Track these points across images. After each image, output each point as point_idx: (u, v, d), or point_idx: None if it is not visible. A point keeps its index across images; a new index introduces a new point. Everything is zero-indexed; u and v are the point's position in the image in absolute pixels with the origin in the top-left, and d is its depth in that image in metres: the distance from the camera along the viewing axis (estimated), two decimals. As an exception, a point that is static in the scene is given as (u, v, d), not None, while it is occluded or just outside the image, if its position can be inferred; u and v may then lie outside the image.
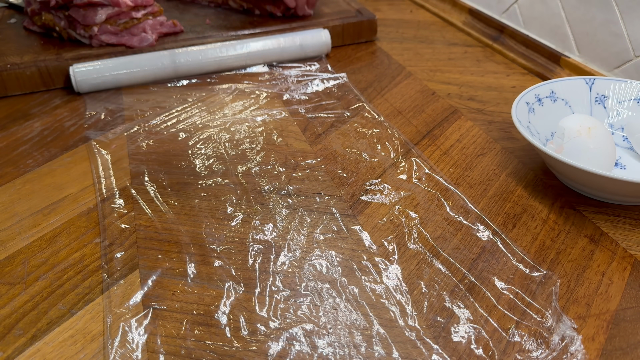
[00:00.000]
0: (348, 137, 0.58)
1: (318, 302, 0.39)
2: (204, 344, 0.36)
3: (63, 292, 0.40)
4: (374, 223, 0.46)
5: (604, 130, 0.49)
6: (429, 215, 0.46)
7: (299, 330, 0.36)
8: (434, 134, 0.58)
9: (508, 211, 0.47)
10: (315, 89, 0.67)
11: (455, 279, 0.40)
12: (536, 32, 0.75)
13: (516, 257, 0.42)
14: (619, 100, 0.55)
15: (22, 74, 0.67)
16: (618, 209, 0.47)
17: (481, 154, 0.55)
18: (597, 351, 0.35)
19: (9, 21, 0.82)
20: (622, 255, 0.42)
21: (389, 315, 0.37)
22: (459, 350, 0.35)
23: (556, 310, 0.37)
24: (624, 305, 0.38)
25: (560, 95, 0.55)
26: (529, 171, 0.52)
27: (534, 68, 0.71)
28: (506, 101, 0.64)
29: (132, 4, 0.73)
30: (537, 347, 0.35)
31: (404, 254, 0.43)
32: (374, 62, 0.75)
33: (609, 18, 0.63)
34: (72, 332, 0.37)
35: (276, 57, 0.73)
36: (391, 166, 0.53)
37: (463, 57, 0.76)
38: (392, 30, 0.85)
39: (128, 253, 0.43)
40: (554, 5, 0.71)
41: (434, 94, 0.66)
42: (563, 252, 0.43)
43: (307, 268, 0.41)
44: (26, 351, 0.36)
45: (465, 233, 0.44)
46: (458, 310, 0.38)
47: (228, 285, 0.40)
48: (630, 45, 0.62)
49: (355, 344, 0.36)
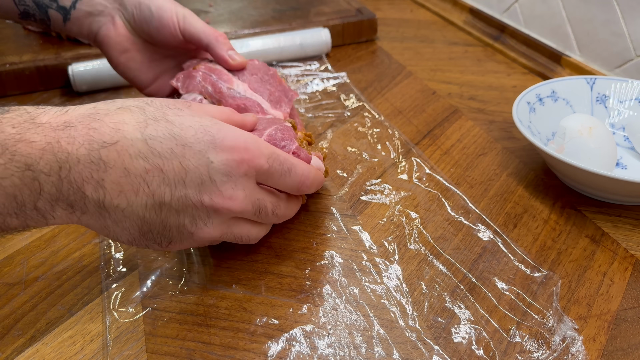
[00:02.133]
0: (348, 136, 0.57)
1: (318, 302, 0.38)
2: (203, 344, 0.36)
3: (62, 292, 0.40)
4: (374, 223, 0.46)
5: (605, 130, 0.49)
6: (429, 215, 0.46)
7: (298, 330, 0.36)
8: (434, 134, 0.58)
9: (509, 211, 0.47)
10: (315, 88, 0.67)
11: (456, 280, 0.40)
12: (537, 31, 0.75)
13: (517, 258, 0.42)
14: (620, 100, 0.55)
15: (21, 74, 0.66)
16: (619, 209, 0.47)
17: (482, 154, 0.55)
18: (598, 352, 0.35)
19: (7, 20, 0.82)
20: (623, 255, 0.42)
21: (389, 315, 0.37)
22: (460, 351, 0.35)
23: (557, 311, 0.37)
24: (625, 306, 0.38)
25: (561, 95, 0.55)
26: (529, 171, 0.52)
27: (534, 67, 0.71)
28: (507, 101, 0.64)
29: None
30: (538, 347, 0.35)
31: (404, 254, 0.42)
32: (375, 62, 0.75)
33: (610, 17, 0.63)
34: (71, 333, 0.37)
35: (276, 56, 0.73)
36: (391, 166, 0.53)
37: (464, 56, 0.76)
38: (392, 30, 0.85)
39: (127, 253, 0.43)
40: (555, 5, 0.71)
41: (435, 94, 0.66)
42: (564, 252, 0.43)
43: (307, 269, 0.41)
44: (25, 352, 0.36)
45: (466, 233, 0.44)
46: (459, 311, 0.38)
47: (227, 286, 0.40)
48: (631, 44, 0.61)
49: (356, 344, 0.35)
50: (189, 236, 0.35)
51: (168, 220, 0.34)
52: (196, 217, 0.34)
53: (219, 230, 0.36)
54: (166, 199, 0.33)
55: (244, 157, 0.34)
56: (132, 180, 0.31)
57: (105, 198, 0.31)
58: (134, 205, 0.32)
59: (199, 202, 0.33)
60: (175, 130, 0.33)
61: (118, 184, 0.31)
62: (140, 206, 0.32)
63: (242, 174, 0.34)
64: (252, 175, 0.35)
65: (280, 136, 0.41)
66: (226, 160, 0.34)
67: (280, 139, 0.40)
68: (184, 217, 0.34)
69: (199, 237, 0.35)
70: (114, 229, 0.33)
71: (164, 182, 0.32)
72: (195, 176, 0.33)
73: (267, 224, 0.40)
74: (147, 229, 0.33)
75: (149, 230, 0.34)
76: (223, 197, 0.34)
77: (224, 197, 0.34)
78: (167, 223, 0.34)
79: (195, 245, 0.36)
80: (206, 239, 0.36)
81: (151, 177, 0.32)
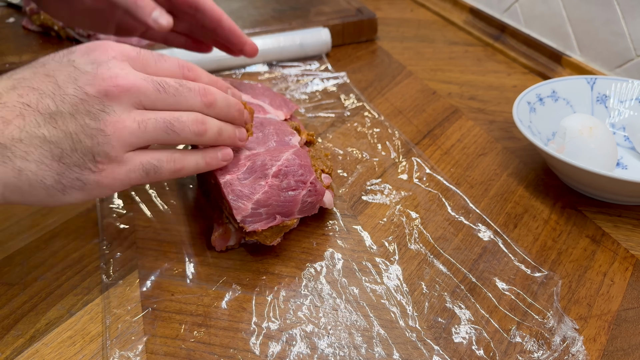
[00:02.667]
0: (348, 136, 0.57)
1: (318, 302, 0.38)
2: (203, 344, 0.36)
3: (62, 292, 0.40)
4: (374, 223, 0.45)
5: (605, 130, 0.49)
6: (429, 215, 0.46)
7: (298, 331, 0.36)
8: (434, 134, 0.58)
9: (509, 211, 0.47)
10: (315, 88, 0.67)
11: (456, 280, 0.40)
12: (537, 31, 0.75)
13: (517, 258, 0.42)
14: (621, 100, 0.55)
15: (21, 73, 0.66)
16: (620, 209, 0.47)
17: (482, 154, 0.55)
18: (599, 352, 0.35)
19: (7, 20, 0.82)
20: (623, 255, 0.42)
21: (389, 316, 0.37)
22: (460, 351, 0.35)
23: (557, 311, 0.37)
24: (625, 306, 0.38)
25: (562, 95, 0.55)
26: (530, 171, 0.52)
27: (535, 67, 0.71)
28: (507, 101, 0.64)
29: (131, 3, 0.73)
30: (538, 347, 0.35)
31: (404, 254, 0.42)
32: (375, 62, 0.75)
33: (610, 17, 0.63)
34: (71, 333, 0.37)
35: (276, 56, 0.73)
36: (392, 166, 0.53)
37: (464, 56, 0.76)
38: (392, 30, 0.85)
39: (127, 253, 0.43)
40: (555, 5, 0.71)
41: (435, 94, 0.66)
42: (564, 252, 0.42)
43: (307, 269, 0.41)
44: (25, 352, 0.36)
45: (467, 233, 0.44)
46: (459, 311, 0.37)
47: (227, 286, 0.40)
48: (632, 44, 0.61)
49: (356, 345, 0.35)
50: (105, 139, 0.32)
51: (69, 128, 0.32)
52: (93, 112, 0.32)
53: (130, 118, 0.33)
54: (52, 108, 0.32)
55: (106, 46, 0.34)
56: (12, 109, 0.31)
57: None
58: (27, 129, 0.31)
59: (83, 94, 0.32)
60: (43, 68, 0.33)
61: (1, 118, 0.31)
62: (34, 127, 0.31)
63: (110, 58, 0.34)
64: (124, 60, 0.34)
65: (298, 163, 0.40)
66: (88, 55, 0.33)
67: (299, 166, 0.40)
68: (82, 117, 0.32)
69: (116, 135, 0.33)
70: (28, 167, 0.31)
71: (41, 96, 0.32)
72: (66, 76, 0.32)
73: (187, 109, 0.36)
74: (58, 151, 0.32)
75: (62, 151, 0.32)
76: (103, 78, 0.33)
77: (105, 78, 0.33)
78: (70, 131, 0.32)
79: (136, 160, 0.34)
80: (125, 135, 0.33)
81: (28, 99, 0.32)
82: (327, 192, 0.44)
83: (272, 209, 0.39)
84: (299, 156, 0.41)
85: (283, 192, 0.39)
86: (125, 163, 0.34)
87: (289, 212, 0.40)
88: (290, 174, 0.40)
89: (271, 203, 0.39)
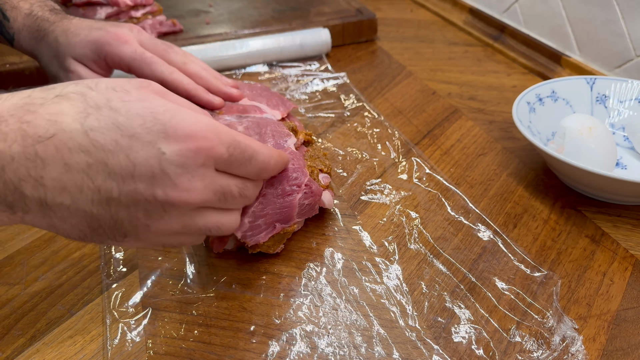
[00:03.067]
0: (348, 136, 0.57)
1: (318, 302, 0.38)
2: (203, 344, 0.36)
3: (62, 292, 0.40)
4: (374, 223, 0.46)
5: (605, 130, 0.49)
6: (429, 215, 0.46)
7: (298, 330, 0.36)
8: (434, 134, 0.58)
9: (509, 211, 0.47)
10: (315, 88, 0.67)
11: (456, 279, 0.40)
12: (537, 31, 0.75)
13: (517, 258, 0.42)
14: (620, 100, 0.55)
15: (21, 73, 0.66)
16: (619, 209, 0.47)
17: (482, 154, 0.55)
18: (598, 352, 0.35)
19: None
20: (623, 255, 0.42)
21: (389, 315, 0.37)
22: (460, 351, 0.35)
23: (557, 311, 0.37)
24: (625, 306, 0.38)
25: (561, 95, 0.55)
26: (529, 171, 0.52)
27: (534, 67, 0.71)
28: (507, 101, 0.64)
29: (131, 3, 0.73)
30: (538, 347, 0.35)
31: (404, 254, 0.42)
32: (374, 62, 0.75)
33: (609, 17, 0.63)
34: (72, 333, 0.37)
35: (276, 56, 0.73)
36: (391, 166, 0.53)
37: (463, 56, 0.76)
38: (392, 30, 0.85)
39: (127, 253, 0.43)
40: (555, 5, 0.71)
41: (435, 94, 0.66)
42: (564, 252, 0.43)
43: (307, 269, 0.41)
44: (25, 352, 0.36)
45: (466, 233, 0.44)
46: (459, 311, 0.38)
47: (227, 286, 0.40)
48: (631, 44, 0.61)
49: (356, 344, 0.35)
50: (145, 229, 0.32)
51: (118, 215, 0.30)
52: (150, 211, 0.31)
53: (178, 223, 0.32)
54: (114, 194, 0.29)
55: (200, 146, 0.31)
56: (74, 176, 0.29)
57: (46, 196, 0.29)
58: (79, 202, 0.29)
59: (151, 196, 0.30)
60: (120, 120, 0.29)
61: (59, 180, 0.28)
62: (85, 202, 0.29)
63: (199, 165, 0.31)
64: (210, 165, 0.32)
65: (290, 167, 0.40)
66: (180, 151, 0.30)
67: (292, 170, 0.40)
68: (136, 211, 0.31)
69: (157, 230, 0.32)
70: (62, 227, 0.30)
71: (109, 176, 0.29)
72: (145, 169, 0.30)
73: (237, 208, 0.36)
74: (96, 224, 0.30)
75: (99, 226, 0.31)
76: (179, 190, 0.31)
77: (180, 190, 0.31)
78: (118, 218, 0.31)
79: (158, 240, 0.33)
80: (165, 232, 0.32)
81: (95, 172, 0.29)
82: (326, 192, 0.44)
83: (269, 218, 0.39)
84: (292, 160, 0.41)
85: (279, 199, 0.39)
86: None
87: (288, 217, 0.40)
88: (284, 180, 0.40)
89: (268, 212, 0.39)
